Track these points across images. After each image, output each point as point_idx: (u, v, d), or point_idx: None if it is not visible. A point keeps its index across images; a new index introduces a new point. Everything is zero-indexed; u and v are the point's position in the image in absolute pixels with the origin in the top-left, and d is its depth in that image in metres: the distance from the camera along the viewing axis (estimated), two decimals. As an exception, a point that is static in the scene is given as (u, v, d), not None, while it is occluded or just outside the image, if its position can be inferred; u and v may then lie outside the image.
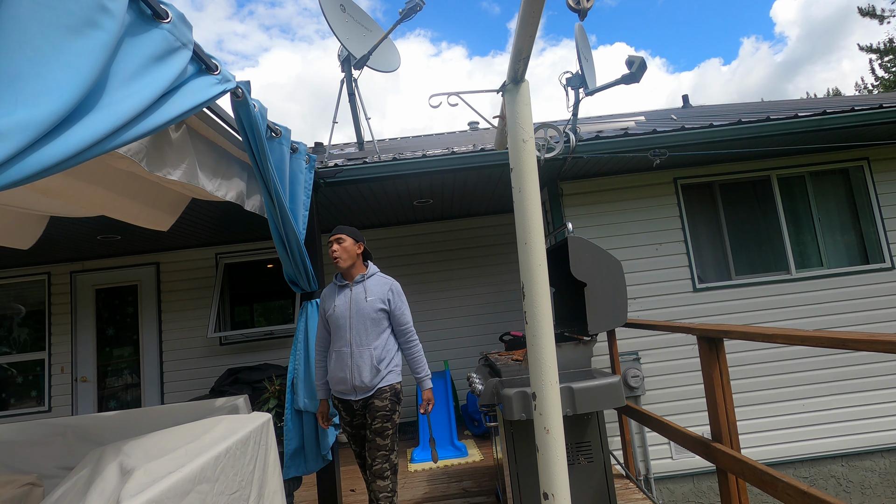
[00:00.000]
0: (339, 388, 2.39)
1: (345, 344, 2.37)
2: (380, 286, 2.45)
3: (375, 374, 2.36)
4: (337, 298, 2.44)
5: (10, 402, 5.32)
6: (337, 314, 2.40)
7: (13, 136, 0.81)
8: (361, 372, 2.35)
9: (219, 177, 2.03)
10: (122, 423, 2.42)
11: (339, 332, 2.39)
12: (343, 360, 2.37)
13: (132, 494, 1.38)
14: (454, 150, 3.68)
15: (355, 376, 2.34)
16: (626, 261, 4.24)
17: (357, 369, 2.35)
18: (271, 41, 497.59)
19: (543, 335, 1.31)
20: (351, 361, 2.36)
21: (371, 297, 2.41)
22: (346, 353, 2.36)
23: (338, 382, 2.39)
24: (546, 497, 1.27)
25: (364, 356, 2.35)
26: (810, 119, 3.76)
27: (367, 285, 2.46)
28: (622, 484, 3.12)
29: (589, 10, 1.02)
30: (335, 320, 2.40)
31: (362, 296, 2.41)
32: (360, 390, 2.36)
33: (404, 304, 2.50)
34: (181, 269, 5.49)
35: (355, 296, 2.42)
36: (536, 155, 1.51)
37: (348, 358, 2.36)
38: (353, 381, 2.35)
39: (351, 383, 2.35)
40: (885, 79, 19.01)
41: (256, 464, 2.00)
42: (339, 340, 2.38)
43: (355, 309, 2.39)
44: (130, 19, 1.13)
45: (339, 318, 2.39)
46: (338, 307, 2.41)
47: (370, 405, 2.38)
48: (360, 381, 2.35)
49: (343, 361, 2.37)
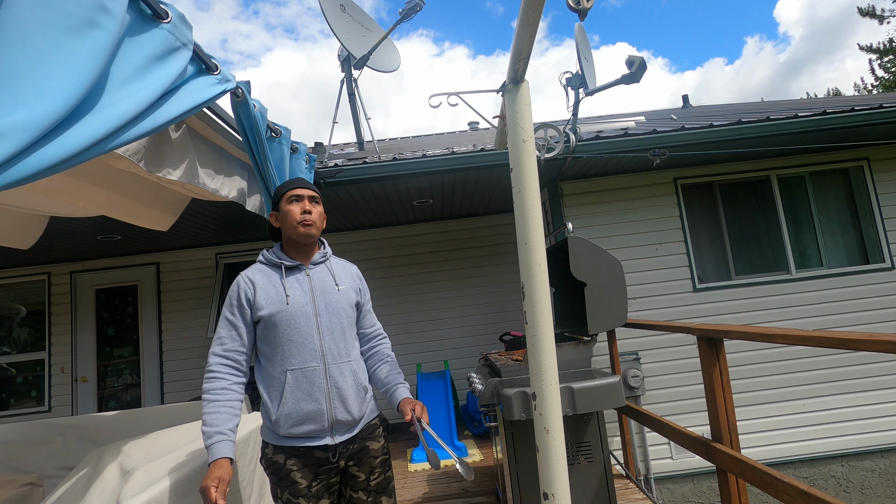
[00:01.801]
0: (302, 431, 1.54)
1: (312, 357, 1.56)
2: (346, 271, 1.76)
3: (363, 400, 1.65)
4: (286, 286, 1.61)
5: (10, 402, 5.32)
6: (292, 311, 1.57)
7: (13, 136, 0.81)
8: (346, 399, 1.59)
9: (219, 177, 2.03)
10: (122, 423, 2.43)
11: (295, 340, 1.56)
12: (312, 383, 1.55)
13: (132, 494, 1.38)
14: (454, 150, 3.68)
15: (335, 406, 1.57)
16: (626, 261, 4.24)
17: (338, 395, 1.58)
18: (275, 41, 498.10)
19: (543, 335, 1.31)
20: (327, 384, 1.57)
21: (342, 284, 1.69)
22: (318, 372, 1.56)
23: (300, 421, 1.53)
24: (546, 497, 1.27)
25: (345, 374, 1.61)
26: (810, 119, 3.76)
27: (333, 267, 1.72)
28: (622, 484, 3.12)
29: (589, 10, 1.02)
30: (287, 321, 1.56)
31: (329, 283, 1.66)
32: (343, 428, 1.59)
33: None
34: (181, 269, 5.50)
35: (319, 283, 1.65)
36: (536, 155, 1.51)
37: (321, 378, 1.56)
38: (332, 414, 1.56)
39: (329, 419, 1.56)
40: (885, 79, 19.02)
41: (257, 464, 2.00)
42: (299, 353, 1.56)
43: (323, 302, 1.63)
44: (130, 19, 1.13)
45: (295, 318, 1.57)
46: (293, 299, 1.59)
47: (362, 451, 1.63)
48: (346, 414, 1.58)
49: (312, 385, 1.55)
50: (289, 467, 1.54)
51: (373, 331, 1.80)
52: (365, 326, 1.78)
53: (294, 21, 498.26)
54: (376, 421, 1.70)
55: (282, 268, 1.64)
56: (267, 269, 1.65)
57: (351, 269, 1.78)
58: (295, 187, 1.66)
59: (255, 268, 1.66)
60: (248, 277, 1.62)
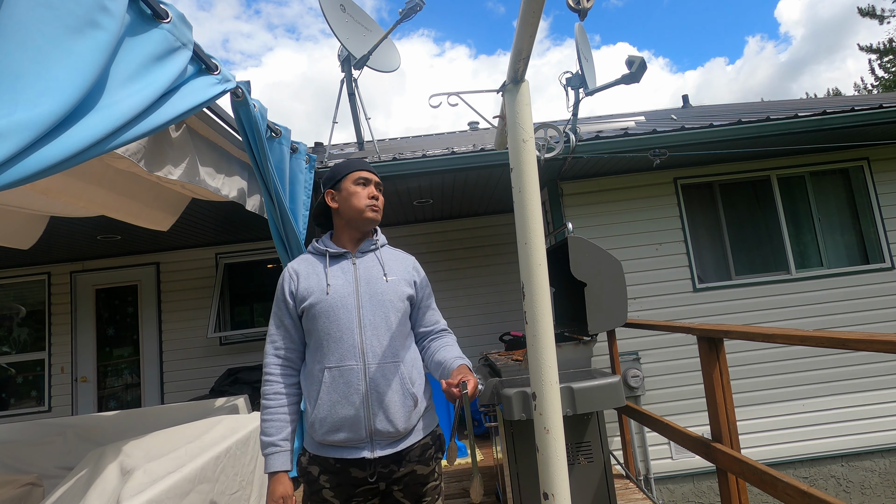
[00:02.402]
0: (337, 439, 1.35)
1: (351, 354, 1.37)
2: (399, 261, 1.55)
3: (411, 410, 1.40)
4: (328, 275, 1.44)
5: (10, 402, 5.32)
6: (332, 301, 1.39)
7: (13, 136, 0.81)
8: (387, 406, 1.36)
9: (220, 176, 2.03)
10: (122, 423, 2.43)
11: (334, 335, 1.37)
12: (349, 383, 1.35)
13: (132, 494, 1.38)
14: (454, 150, 3.68)
15: (374, 413, 1.35)
16: (626, 261, 4.24)
17: (378, 401, 1.36)
18: (276, 41, 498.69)
19: (543, 335, 1.31)
20: (365, 386, 1.36)
21: (392, 275, 1.48)
22: (355, 372, 1.36)
23: (335, 427, 1.35)
24: (546, 497, 1.27)
25: (389, 377, 1.38)
26: (810, 119, 3.76)
27: (384, 256, 1.52)
28: (622, 484, 3.12)
29: (589, 10, 1.02)
30: (326, 312, 1.38)
31: (377, 272, 1.47)
32: (385, 440, 1.37)
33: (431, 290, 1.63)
34: (181, 269, 5.49)
35: (364, 272, 1.46)
36: (536, 155, 1.51)
37: (359, 379, 1.36)
38: (370, 422, 1.35)
39: (366, 428, 1.35)
40: (884, 79, 19.03)
41: (257, 464, 2.00)
42: (337, 349, 1.37)
43: (367, 293, 1.42)
44: (130, 19, 1.13)
45: (335, 309, 1.38)
46: (333, 289, 1.41)
47: (408, 476, 1.40)
48: (388, 424, 1.36)
49: (348, 386, 1.35)
50: (321, 483, 1.36)
51: (435, 327, 1.56)
52: (425, 324, 1.55)
53: (295, 21, 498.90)
54: (430, 441, 1.44)
55: (326, 256, 1.49)
56: (312, 258, 1.52)
57: (406, 260, 1.57)
58: (363, 169, 1.52)
59: (303, 257, 1.53)
60: (293, 268, 1.50)
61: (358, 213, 1.48)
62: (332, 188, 1.53)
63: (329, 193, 1.53)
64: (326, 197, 1.53)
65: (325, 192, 1.54)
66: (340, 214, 1.51)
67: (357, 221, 1.49)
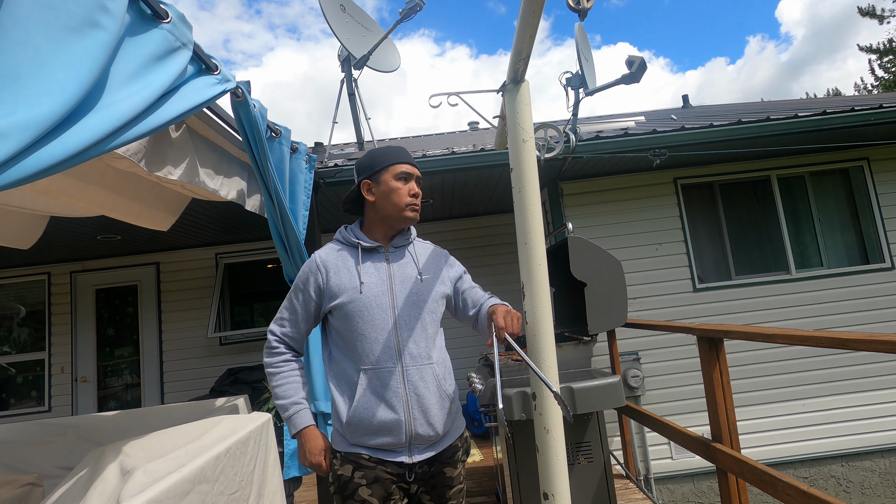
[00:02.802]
0: (375, 443, 1.30)
1: (388, 356, 1.31)
2: (433, 257, 1.48)
3: (446, 412, 1.37)
4: (361, 271, 1.36)
5: (10, 402, 5.32)
6: (366, 301, 1.32)
7: (13, 136, 0.81)
8: (427, 408, 1.32)
9: (219, 177, 2.03)
10: (122, 423, 2.42)
11: (369, 335, 1.31)
12: (387, 386, 1.30)
13: (132, 494, 1.38)
14: (454, 150, 3.68)
15: (415, 417, 1.30)
16: (626, 261, 4.24)
17: (419, 404, 1.31)
18: (277, 40, 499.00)
19: (543, 335, 1.31)
20: (405, 389, 1.31)
21: (427, 273, 1.42)
22: (394, 375, 1.31)
23: (373, 431, 1.29)
24: (546, 497, 1.27)
25: (427, 379, 1.34)
26: (810, 119, 3.76)
27: (417, 252, 1.46)
28: (622, 484, 3.12)
29: (589, 11, 1.02)
30: (360, 312, 1.31)
31: (411, 271, 1.40)
32: (424, 444, 1.33)
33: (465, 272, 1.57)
34: (181, 269, 5.49)
35: (398, 270, 1.39)
36: (536, 155, 1.51)
37: (397, 382, 1.30)
38: (411, 426, 1.30)
39: (407, 432, 1.30)
40: (884, 79, 19.03)
41: (257, 464, 2.00)
42: (372, 350, 1.31)
43: (401, 292, 1.36)
44: (130, 19, 1.13)
45: (369, 309, 1.32)
46: (367, 287, 1.34)
47: (437, 476, 1.36)
48: (428, 427, 1.32)
49: (387, 389, 1.30)
50: (356, 481, 1.28)
51: (482, 299, 1.48)
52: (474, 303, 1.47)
53: (296, 20, 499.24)
54: (459, 442, 1.42)
55: (358, 249, 1.39)
56: (342, 250, 1.41)
57: (438, 256, 1.50)
58: (404, 161, 1.42)
59: (330, 248, 1.42)
60: (320, 259, 1.38)
61: (397, 212, 1.39)
62: (369, 178, 1.42)
63: (366, 184, 1.42)
64: (362, 188, 1.43)
65: (362, 181, 1.43)
66: (377, 209, 1.42)
67: (394, 220, 1.40)
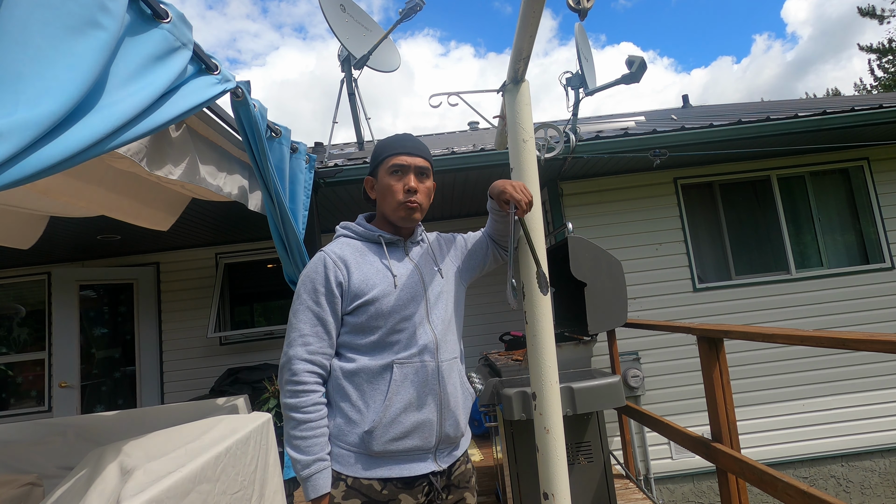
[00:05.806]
0: (403, 447, 1.17)
1: (426, 350, 1.21)
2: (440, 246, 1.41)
3: (468, 411, 1.31)
4: (393, 265, 1.26)
5: (10, 402, 5.32)
6: (403, 295, 1.22)
7: (13, 136, 0.81)
8: (456, 407, 1.24)
9: (221, 174, 2.03)
10: (122, 423, 2.42)
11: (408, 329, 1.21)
12: (425, 383, 1.20)
13: (132, 494, 1.38)
14: (454, 150, 3.67)
15: (446, 417, 1.22)
16: (626, 261, 4.24)
17: (449, 402, 1.23)
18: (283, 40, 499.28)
19: (543, 335, 1.31)
20: (439, 385, 1.21)
21: (444, 264, 1.35)
22: (431, 370, 1.21)
23: (403, 433, 1.17)
24: (546, 497, 1.27)
25: (454, 375, 1.26)
26: (810, 119, 3.76)
27: (433, 245, 1.39)
28: (622, 484, 3.12)
29: (589, 11, 1.02)
30: (398, 307, 1.21)
31: (430, 264, 1.32)
32: (447, 447, 1.25)
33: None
34: (181, 269, 5.49)
35: (422, 264, 1.31)
36: (536, 155, 1.51)
37: (434, 380, 1.21)
38: (441, 427, 1.21)
39: (437, 434, 1.21)
40: (884, 79, 19.03)
41: (258, 464, 2.00)
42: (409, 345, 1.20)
43: (433, 287, 1.28)
44: (130, 19, 1.13)
45: (406, 304, 1.22)
46: (401, 279, 1.24)
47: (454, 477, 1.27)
48: (455, 428, 1.25)
49: (424, 386, 1.20)
50: None
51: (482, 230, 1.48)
52: (478, 235, 1.47)
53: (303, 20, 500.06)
54: (471, 467, 1.33)
55: (381, 243, 1.28)
56: (358, 243, 1.28)
57: (442, 243, 1.43)
58: (399, 153, 1.27)
59: (343, 242, 1.28)
60: (335, 254, 1.22)
61: (391, 211, 1.27)
62: (371, 174, 1.35)
63: (369, 182, 1.35)
64: (366, 185, 1.36)
65: (366, 178, 1.36)
66: (378, 208, 1.35)
67: (394, 220, 1.29)
